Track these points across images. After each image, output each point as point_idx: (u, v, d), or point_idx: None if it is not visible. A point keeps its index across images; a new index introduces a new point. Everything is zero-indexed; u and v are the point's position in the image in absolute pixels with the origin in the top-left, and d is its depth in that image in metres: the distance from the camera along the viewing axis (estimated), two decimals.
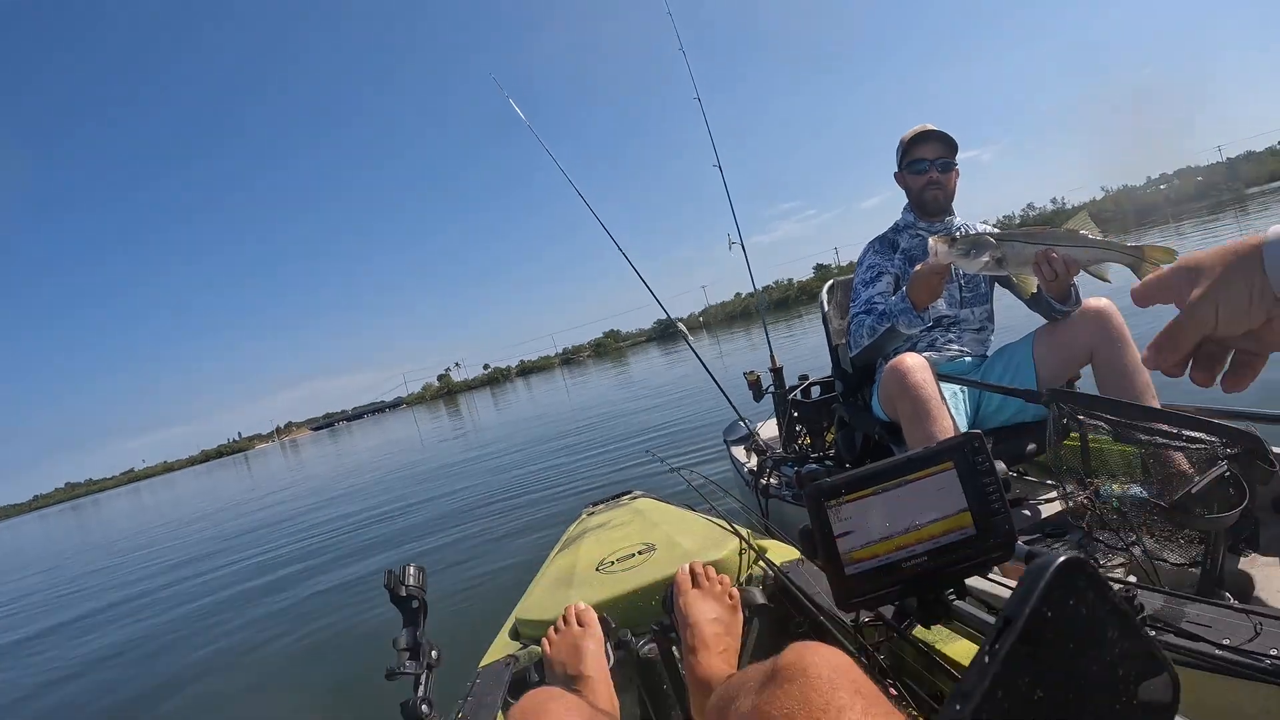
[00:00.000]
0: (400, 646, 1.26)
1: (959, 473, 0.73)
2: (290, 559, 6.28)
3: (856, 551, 0.75)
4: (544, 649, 1.36)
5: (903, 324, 1.88)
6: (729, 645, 1.20)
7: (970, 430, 0.77)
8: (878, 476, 0.74)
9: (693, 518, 1.95)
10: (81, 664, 4.59)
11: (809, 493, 0.75)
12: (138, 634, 5.04)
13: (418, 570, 1.34)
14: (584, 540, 1.95)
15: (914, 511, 0.74)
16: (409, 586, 1.32)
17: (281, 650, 3.73)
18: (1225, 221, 19.80)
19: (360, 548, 5.95)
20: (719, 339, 27.44)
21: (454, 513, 6.24)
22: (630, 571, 1.61)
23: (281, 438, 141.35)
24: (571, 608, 1.40)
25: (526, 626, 1.60)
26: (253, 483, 21.06)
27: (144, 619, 5.48)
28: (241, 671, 3.63)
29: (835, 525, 0.74)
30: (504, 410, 23.15)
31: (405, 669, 1.22)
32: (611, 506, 2.30)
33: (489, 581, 3.80)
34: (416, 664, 1.23)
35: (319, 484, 14.20)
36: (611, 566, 1.68)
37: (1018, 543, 0.76)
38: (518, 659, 1.48)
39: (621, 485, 2.76)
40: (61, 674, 4.48)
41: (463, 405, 41.25)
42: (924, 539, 0.74)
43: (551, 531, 3.41)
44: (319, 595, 4.66)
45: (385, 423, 53.03)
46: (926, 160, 2.10)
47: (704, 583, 1.32)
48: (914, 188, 2.15)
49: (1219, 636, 0.95)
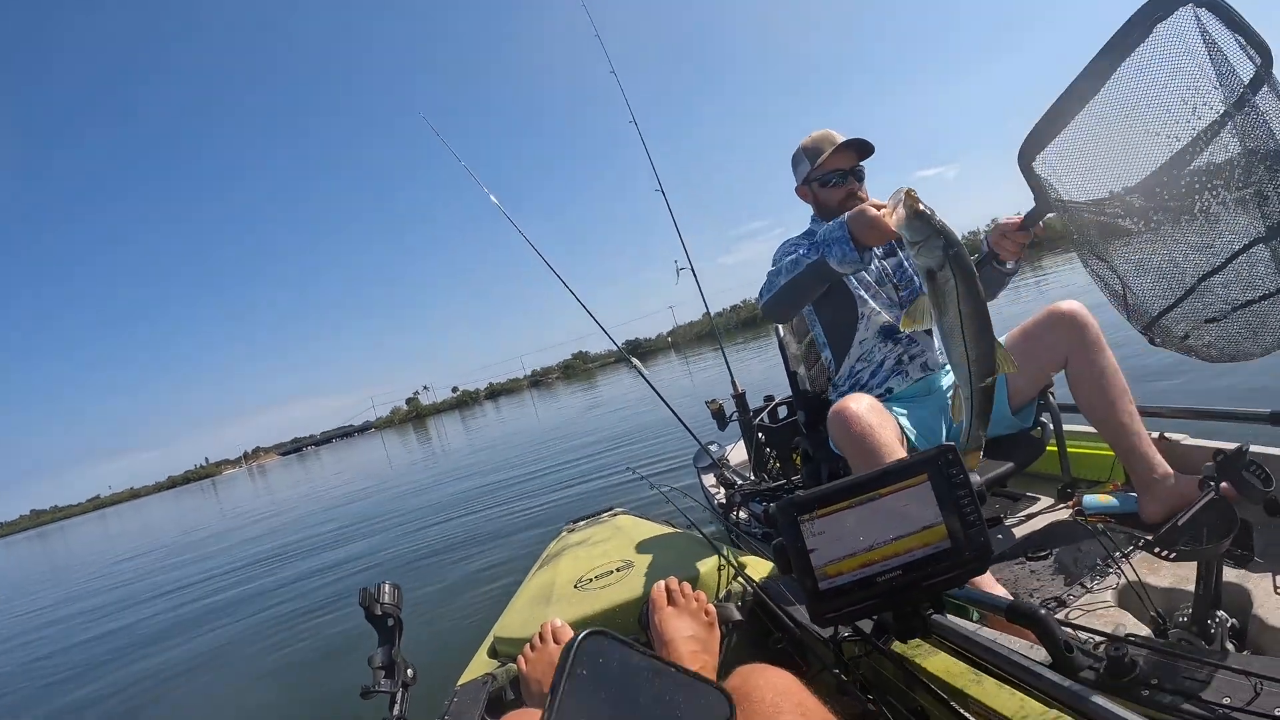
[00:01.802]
0: (375, 665, 1.24)
1: (933, 486, 0.73)
2: (264, 579, 6.20)
3: (830, 566, 0.74)
4: (520, 666, 1.35)
5: (835, 256, 1.57)
6: (706, 662, 1.19)
7: (945, 443, 0.77)
8: (852, 490, 0.74)
9: (672, 534, 1.94)
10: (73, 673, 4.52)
11: (781, 506, 0.75)
12: (101, 652, 5.00)
13: (393, 588, 1.33)
14: (563, 557, 1.94)
15: (888, 525, 0.74)
16: (384, 604, 1.31)
17: (257, 669, 3.69)
18: None
19: (335, 567, 5.89)
20: (688, 359, 27.38)
21: (432, 533, 6.19)
22: (608, 588, 1.61)
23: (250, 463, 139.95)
24: (548, 625, 1.39)
25: (505, 645, 1.58)
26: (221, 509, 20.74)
27: (112, 642, 5.42)
28: (217, 689, 3.60)
29: (809, 540, 0.74)
30: (474, 433, 22.94)
31: (380, 687, 1.21)
32: (592, 523, 2.29)
33: (469, 600, 3.78)
34: (392, 682, 1.22)
35: (289, 508, 13.99)
36: (590, 584, 1.67)
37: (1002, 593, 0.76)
38: (495, 677, 1.47)
39: (603, 502, 2.73)
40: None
41: (432, 429, 41.01)
42: (899, 553, 0.74)
43: (532, 549, 3.39)
44: (294, 615, 4.61)
45: (355, 447, 52.43)
46: (843, 171, 1.88)
47: (679, 600, 1.31)
48: (830, 203, 1.91)
49: (1218, 696, 0.93)
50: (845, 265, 1.57)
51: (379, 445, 38.68)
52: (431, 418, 79.49)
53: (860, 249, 1.52)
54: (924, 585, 0.75)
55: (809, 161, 1.92)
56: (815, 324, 2.06)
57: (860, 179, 1.90)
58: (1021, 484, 2.09)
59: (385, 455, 25.22)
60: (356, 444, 63.50)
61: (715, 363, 20.12)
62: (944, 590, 0.80)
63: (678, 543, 1.81)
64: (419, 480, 12.16)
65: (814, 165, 1.90)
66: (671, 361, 29.38)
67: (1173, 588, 1.39)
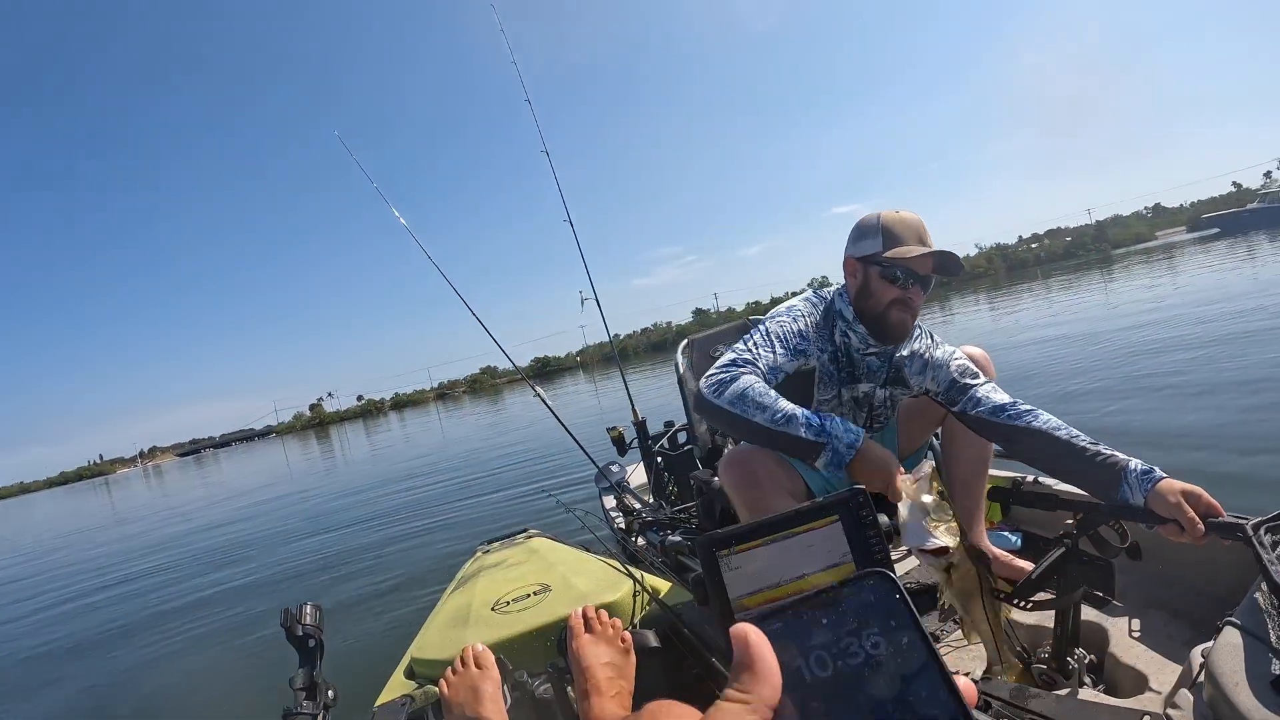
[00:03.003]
0: (297, 686, 1.25)
1: (844, 526, 0.78)
2: (174, 597, 5.84)
3: (746, 599, 0.78)
4: (442, 690, 1.35)
5: (825, 460, 1.35)
6: (622, 689, 1.22)
7: (855, 486, 0.82)
8: (767, 529, 0.78)
9: (587, 558, 1.97)
10: None
11: (702, 543, 0.78)
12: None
13: (314, 609, 1.34)
14: (479, 579, 1.94)
15: (802, 562, 0.78)
16: (305, 625, 1.32)
17: (170, 692, 3.54)
18: (1092, 280, 21.23)
19: (249, 585, 5.63)
20: (596, 380, 27.58)
21: (343, 548, 6.02)
22: (526, 612, 1.62)
23: (145, 463, 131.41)
24: (469, 649, 1.40)
25: (422, 666, 1.57)
26: (114, 512, 19.40)
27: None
28: (130, 711, 3.44)
29: (725, 574, 0.77)
30: (379, 445, 22.38)
31: (302, 709, 1.21)
32: (506, 545, 2.29)
33: (383, 619, 3.70)
34: (313, 704, 1.23)
35: (190, 516, 13.26)
36: (507, 607, 1.68)
37: None
38: (413, 699, 1.47)
39: (515, 522, 2.72)
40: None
41: (335, 437, 39.77)
42: (810, 587, 0.78)
43: (443, 565, 3.33)
44: (209, 634, 4.40)
45: (255, 451, 50.32)
46: (913, 274, 1.54)
47: (596, 627, 1.34)
48: (881, 297, 1.57)
49: None
50: (826, 469, 1.38)
51: (279, 450, 37.38)
52: (335, 425, 76.73)
53: (848, 474, 1.37)
54: None
55: (881, 242, 1.57)
56: None
57: (926, 288, 1.59)
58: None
59: (285, 461, 24.50)
60: (256, 448, 60.88)
61: (622, 385, 20.26)
62: None
63: (593, 567, 1.84)
64: (321, 490, 11.87)
65: (885, 249, 1.56)
66: (580, 383, 29.35)
67: (1037, 624, 1.50)
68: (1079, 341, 8.56)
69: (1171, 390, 5.16)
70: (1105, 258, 44.28)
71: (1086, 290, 17.53)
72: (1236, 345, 6.15)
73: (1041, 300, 17.50)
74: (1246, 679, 0.89)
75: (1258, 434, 3.73)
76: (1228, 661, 0.93)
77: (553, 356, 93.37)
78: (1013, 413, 1.47)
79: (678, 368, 2.35)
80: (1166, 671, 1.30)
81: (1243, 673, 0.90)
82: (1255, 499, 2.79)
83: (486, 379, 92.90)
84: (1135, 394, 5.28)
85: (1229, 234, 38.02)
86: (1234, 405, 4.39)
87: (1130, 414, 4.76)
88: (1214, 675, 0.92)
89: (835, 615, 0.35)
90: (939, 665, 0.32)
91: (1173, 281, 15.07)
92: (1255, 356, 5.53)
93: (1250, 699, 0.86)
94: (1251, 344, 6.05)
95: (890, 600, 0.34)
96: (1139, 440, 4.04)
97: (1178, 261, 22.39)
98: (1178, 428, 4.21)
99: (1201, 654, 1.03)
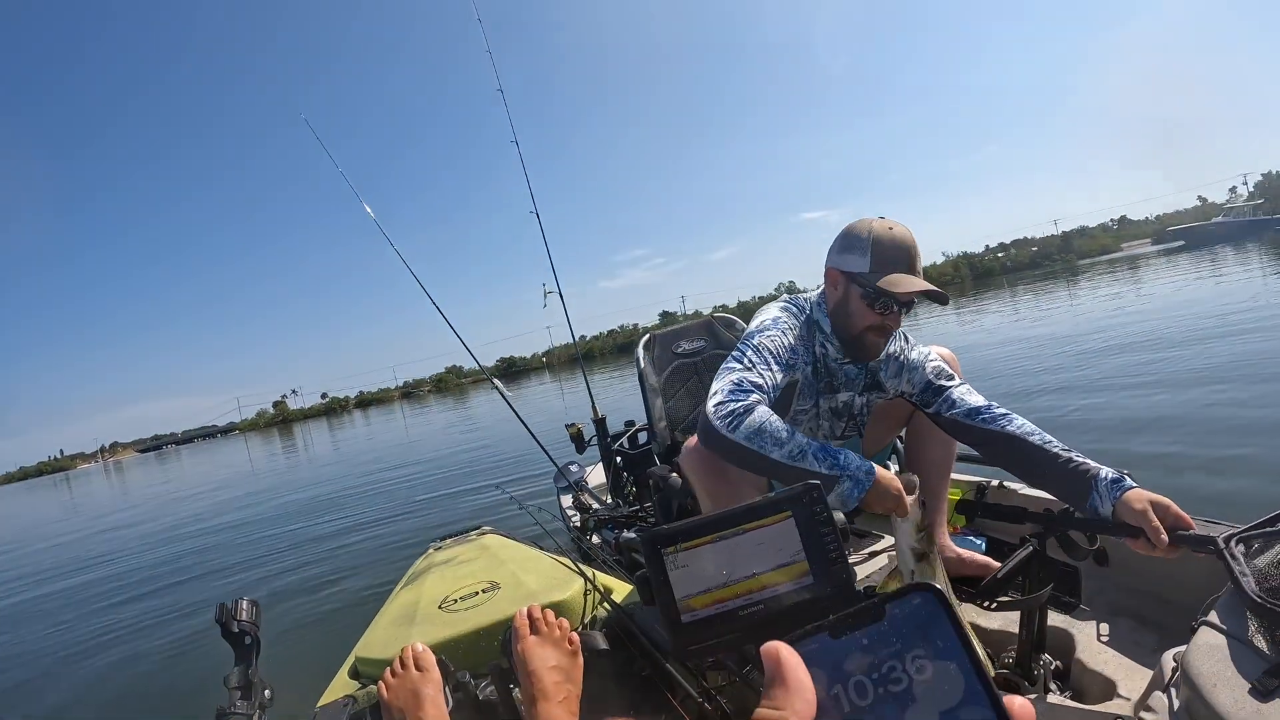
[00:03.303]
0: (231, 685, 1.23)
1: (797, 522, 0.73)
2: (108, 590, 5.72)
3: (693, 599, 0.73)
4: (381, 694, 1.29)
5: (840, 494, 1.29)
6: (569, 693, 1.17)
7: (810, 480, 0.78)
8: (716, 525, 0.73)
9: (539, 556, 1.93)
10: None
11: (645, 540, 0.73)
12: None
13: (251, 604, 1.32)
14: (429, 576, 1.90)
15: (752, 560, 0.74)
16: (241, 622, 1.29)
17: (99, 690, 3.41)
18: (1057, 290, 21.54)
19: (190, 579, 5.53)
20: (561, 380, 27.58)
21: (296, 544, 5.94)
22: (473, 610, 1.58)
23: (106, 458, 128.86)
24: (408, 649, 1.33)
25: (366, 665, 1.52)
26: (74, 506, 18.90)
27: None
28: (54, 709, 3.30)
29: (671, 572, 0.72)
30: (342, 442, 22.20)
31: (236, 709, 1.19)
32: (459, 542, 2.26)
33: (331, 617, 3.65)
34: (248, 704, 1.21)
35: (146, 509, 13.09)
36: (454, 605, 1.63)
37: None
38: (356, 699, 1.44)
39: (473, 520, 2.66)
40: None
41: (298, 434, 39.45)
42: (762, 587, 0.74)
43: (399, 564, 3.27)
44: (141, 629, 4.28)
45: (217, 448, 49.62)
46: (896, 300, 1.49)
47: (543, 628, 1.28)
48: (861, 317, 1.54)
49: None
50: (835, 501, 1.30)
51: (242, 448, 36.84)
52: (299, 423, 75.82)
53: (860, 504, 1.30)
54: (786, 619, 0.75)
55: (869, 261, 1.51)
56: None
57: (907, 311, 1.56)
58: (866, 522, 2.16)
59: (248, 458, 24.22)
60: (219, 445, 59.93)
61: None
62: (805, 624, 0.80)
63: (544, 565, 1.80)
64: (280, 487, 11.72)
65: (872, 269, 1.50)
66: (545, 382, 29.36)
67: (1002, 629, 1.49)
68: (1043, 344, 8.76)
69: (1127, 387, 5.30)
70: (1071, 267, 45.30)
71: (1054, 299, 17.88)
72: (1190, 348, 6.32)
73: (1007, 306, 17.83)
74: (1224, 679, 0.88)
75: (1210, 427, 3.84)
76: (1204, 663, 0.91)
77: (518, 357, 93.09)
78: (987, 416, 1.48)
79: (639, 362, 2.34)
80: (1135, 677, 1.29)
81: (1220, 673, 0.89)
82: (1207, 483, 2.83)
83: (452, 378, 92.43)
84: (1098, 391, 5.41)
85: (1194, 247, 38.82)
86: (1179, 400, 4.50)
87: (1093, 411, 4.88)
88: (1190, 676, 0.91)
89: (877, 634, 0.31)
90: (991, 693, 0.29)
91: (1135, 291, 15.46)
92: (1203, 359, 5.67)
93: (1229, 698, 0.85)
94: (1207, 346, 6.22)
95: (938, 619, 0.31)
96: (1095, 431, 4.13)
97: (1142, 272, 22.93)
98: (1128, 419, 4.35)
99: (1174, 657, 1.02)
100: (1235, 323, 7.46)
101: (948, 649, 0.30)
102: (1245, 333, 6.71)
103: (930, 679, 0.29)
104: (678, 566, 0.80)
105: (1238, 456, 3.40)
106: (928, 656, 0.30)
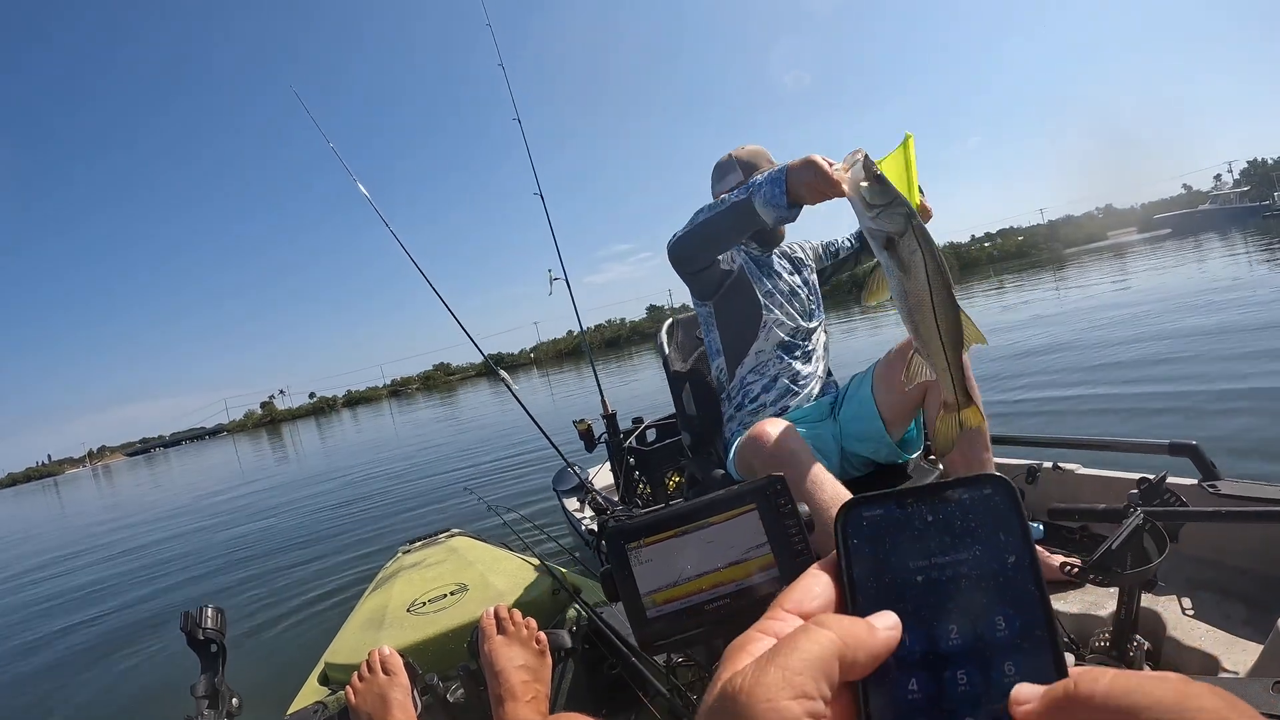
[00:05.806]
0: (198, 694, 1.22)
1: (760, 515, 0.73)
2: (73, 597, 5.67)
3: (659, 594, 0.73)
4: (349, 698, 1.28)
5: (763, 196, 1.39)
6: (538, 692, 1.16)
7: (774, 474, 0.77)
8: (679, 519, 0.72)
9: (507, 557, 1.94)
10: None
11: (608, 535, 0.72)
12: None
13: (216, 612, 1.30)
14: (398, 580, 1.90)
15: (717, 554, 0.73)
16: (207, 630, 1.28)
17: (61, 702, 3.34)
18: (1044, 279, 21.29)
19: (157, 587, 5.44)
20: (549, 377, 27.12)
21: (267, 549, 5.86)
22: (442, 613, 1.58)
23: (94, 463, 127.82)
24: (375, 653, 1.32)
25: (336, 671, 1.51)
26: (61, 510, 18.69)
27: None
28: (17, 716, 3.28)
29: (636, 567, 0.72)
30: (329, 442, 22.05)
31: (203, 718, 1.18)
32: (428, 544, 2.26)
33: (301, 623, 3.57)
34: (215, 712, 1.20)
35: (127, 514, 12.94)
36: (423, 607, 1.63)
37: None
38: (326, 706, 1.42)
39: (443, 523, 2.64)
40: None
41: (286, 435, 39.16)
42: (727, 581, 0.73)
43: (368, 569, 3.23)
44: (107, 636, 4.24)
45: (205, 450, 49.20)
46: None
47: (509, 628, 1.27)
48: None
49: None
50: (769, 209, 1.40)
51: (230, 450, 36.55)
52: (287, 424, 75.18)
53: (791, 200, 1.35)
54: (753, 612, 0.74)
55: (741, 173, 1.85)
56: (712, 329, 1.97)
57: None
58: None
59: (236, 459, 24.11)
60: (207, 447, 59.43)
61: (577, 381, 19.21)
62: None
63: (512, 566, 1.81)
64: (259, 488, 11.61)
65: (746, 177, 1.81)
66: (533, 378, 28.89)
67: (1083, 613, 1.42)
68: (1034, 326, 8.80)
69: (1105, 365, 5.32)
70: (1057, 257, 45.27)
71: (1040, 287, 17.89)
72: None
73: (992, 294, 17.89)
74: None
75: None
76: None
77: (507, 353, 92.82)
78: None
79: (662, 349, 2.23)
80: (1236, 649, 1.23)
81: None
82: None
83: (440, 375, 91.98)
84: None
85: (1180, 235, 38.86)
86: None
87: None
88: None
89: (943, 514, 0.30)
90: (1042, 593, 0.28)
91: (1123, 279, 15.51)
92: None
93: None
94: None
95: (1006, 514, 0.29)
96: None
97: (1128, 261, 22.97)
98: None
99: None
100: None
101: (1009, 544, 0.29)
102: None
103: (984, 572, 0.29)
104: (642, 561, 0.79)
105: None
106: (986, 549, 0.29)
